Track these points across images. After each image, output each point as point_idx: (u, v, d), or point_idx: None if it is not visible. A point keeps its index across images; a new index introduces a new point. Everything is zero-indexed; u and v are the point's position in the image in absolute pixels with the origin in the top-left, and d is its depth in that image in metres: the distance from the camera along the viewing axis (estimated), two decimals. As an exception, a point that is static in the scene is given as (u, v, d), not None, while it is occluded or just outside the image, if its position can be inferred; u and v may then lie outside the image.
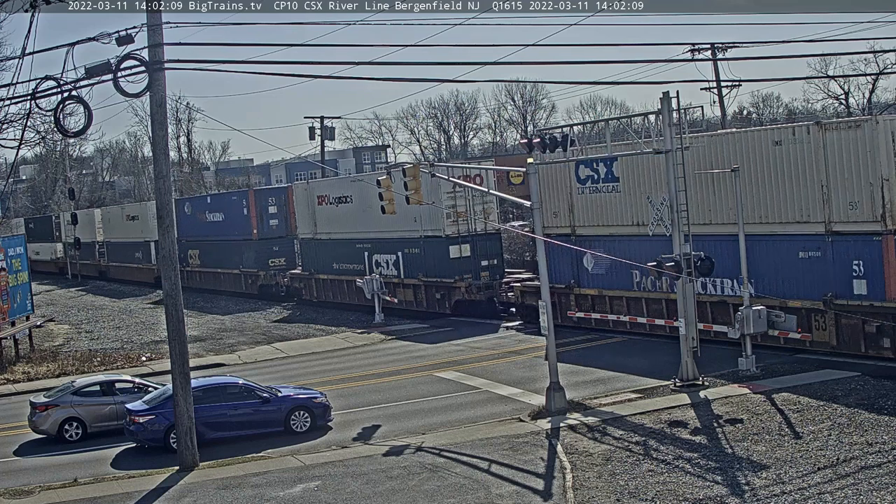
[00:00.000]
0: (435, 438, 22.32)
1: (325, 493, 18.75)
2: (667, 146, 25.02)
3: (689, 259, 24.86)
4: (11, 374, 35.99)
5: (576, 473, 18.79)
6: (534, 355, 30.94)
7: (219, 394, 24.20)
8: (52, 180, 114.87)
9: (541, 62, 65.10)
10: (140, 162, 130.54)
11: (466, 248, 40.70)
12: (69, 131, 22.88)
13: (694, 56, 51.05)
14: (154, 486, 20.07)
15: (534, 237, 24.83)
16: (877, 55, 68.49)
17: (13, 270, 40.10)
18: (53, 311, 57.99)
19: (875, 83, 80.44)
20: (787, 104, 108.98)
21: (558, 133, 27.01)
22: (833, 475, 17.28)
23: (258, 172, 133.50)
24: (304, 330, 43.47)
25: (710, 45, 51.24)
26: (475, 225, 40.63)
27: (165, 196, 22.05)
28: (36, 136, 44.64)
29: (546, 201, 34.26)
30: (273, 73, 46.05)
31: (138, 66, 20.57)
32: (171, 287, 21.91)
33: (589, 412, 23.43)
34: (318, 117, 71.32)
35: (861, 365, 25.01)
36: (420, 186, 30.04)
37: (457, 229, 40.51)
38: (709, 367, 25.96)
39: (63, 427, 25.23)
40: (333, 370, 33.05)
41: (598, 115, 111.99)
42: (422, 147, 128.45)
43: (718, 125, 56.04)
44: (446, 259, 40.56)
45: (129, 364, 36.48)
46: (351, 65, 28.49)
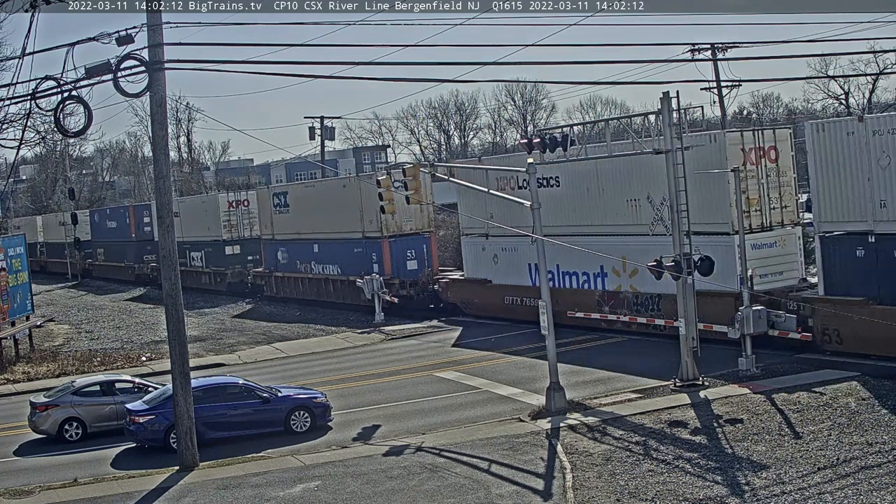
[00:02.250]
0: (435, 438, 22.32)
1: (325, 493, 18.75)
2: (667, 146, 25.02)
3: (688, 259, 24.88)
4: (11, 374, 35.99)
5: (576, 473, 18.79)
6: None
7: (219, 394, 24.20)
8: (52, 180, 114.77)
9: (541, 62, 65.22)
10: (140, 162, 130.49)
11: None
12: (69, 131, 22.87)
13: (694, 56, 51.02)
14: (154, 486, 20.07)
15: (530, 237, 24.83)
16: (877, 55, 68.53)
17: (13, 270, 40.09)
18: (53, 311, 57.99)
19: (875, 83, 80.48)
20: (787, 104, 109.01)
21: (558, 133, 27.03)
22: (833, 475, 17.29)
23: (258, 172, 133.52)
24: (304, 330, 43.45)
25: (710, 45, 51.18)
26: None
27: (165, 196, 22.04)
28: (36, 136, 44.76)
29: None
30: (273, 73, 45.96)
31: (138, 66, 20.57)
32: (171, 287, 21.92)
33: (589, 412, 23.43)
34: (318, 117, 71.33)
35: (861, 365, 25.01)
36: (420, 186, 30.06)
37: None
38: (709, 367, 25.96)
39: (63, 427, 25.23)
40: (333, 370, 33.05)
41: (598, 115, 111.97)
42: (422, 147, 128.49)
43: (718, 125, 56.04)
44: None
45: (129, 364, 36.47)
46: (351, 65, 28.46)
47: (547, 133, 27.31)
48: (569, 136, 26.55)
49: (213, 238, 58.71)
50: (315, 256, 49.43)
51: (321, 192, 50.46)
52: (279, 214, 52.54)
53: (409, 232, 44.55)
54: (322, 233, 48.73)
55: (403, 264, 44.02)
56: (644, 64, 52.82)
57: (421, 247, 44.67)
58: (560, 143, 26.13)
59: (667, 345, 29.00)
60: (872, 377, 23.73)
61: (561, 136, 26.34)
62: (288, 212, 51.85)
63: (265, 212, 54.67)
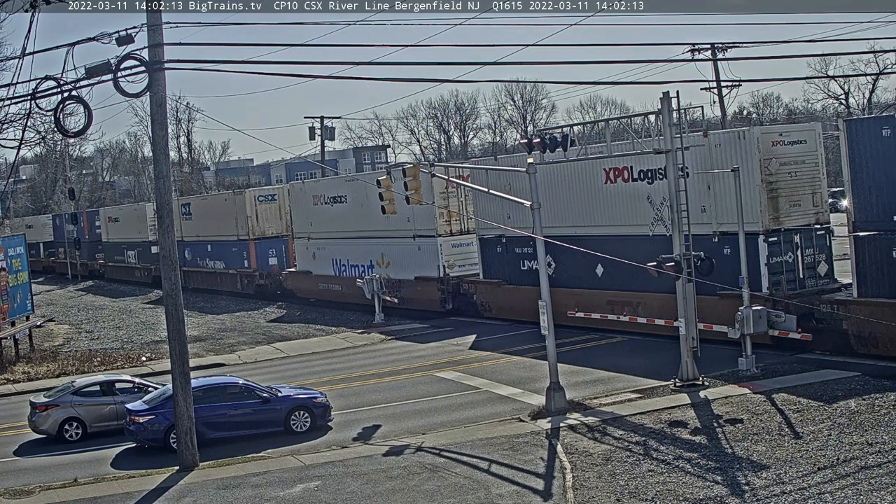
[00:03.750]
0: (435, 438, 22.32)
1: (325, 493, 18.75)
2: (667, 146, 25.02)
3: (689, 259, 24.89)
4: (11, 374, 35.99)
5: (576, 473, 18.79)
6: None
7: (219, 394, 24.19)
8: (52, 180, 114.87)
9: (541, 62, 65.14)
10: (140, 162, 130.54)
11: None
12: (69, 131, 22.86)
13: (694, 56, 51.12)
14: (154, 486, 20.07)
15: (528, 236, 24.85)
16: (877, 55, 68.57)
17: (13, 270, 40.10)
18: (53, 311, 58.00)
19: (875, 83, 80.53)
20: (787, 104, 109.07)
21: (558, 133, 27.01)
22: (833, 475, 17.28)
23: (258, 172, 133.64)
24: (304, 330, 43.50)
25: (710, 45, 51.29)
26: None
27: (165, 196, 22.04)
28: (36, 136, 44.73)
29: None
30: (273, 73, 45.90)
31: (138, 66, 20.56)
32: (171, 287, 21.91)
33: (589, 412, 23.43)
34: (318, 117, 71.43)
35: (861, 365, 25.02)
36: (420, 186, 30.06)
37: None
38: (709, 367, 25.97)
39: (63, 427, 25.23)
40: (333, 370, 33.05)
41: (598, 115, 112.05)
42: (422, 147, 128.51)
43: (718, 125, 56.05)
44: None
45: (129, 364, 36.47)
46: (351, 65, 28.41)
47: (547, 133, 27.30)
48: (569, 136, 26.55)
49: (142, 240, 70.78)
50: (209, 254, 62.51)
51: (211, 204, 63.86)
52: (185, 221, 64.49)
53: (270, 235, 56.75)
54: (213, 235, 61.55)
55: (266, 261, 56.36)
56: (644, 64, 52.81)
57: (280, 247, 56.25)
58: (560, 143, 26.12)
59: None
60: (872, 377, 23.74)
61: (561, 136, 26.33)
62: (191, 219, 64.60)
63: (177, 218, 65.15)
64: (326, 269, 49.99)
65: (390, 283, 43.19)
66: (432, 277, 41.84)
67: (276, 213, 57.06)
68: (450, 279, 41.34)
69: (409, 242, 43.24)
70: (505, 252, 38.57)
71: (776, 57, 44.05)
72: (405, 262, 43.40)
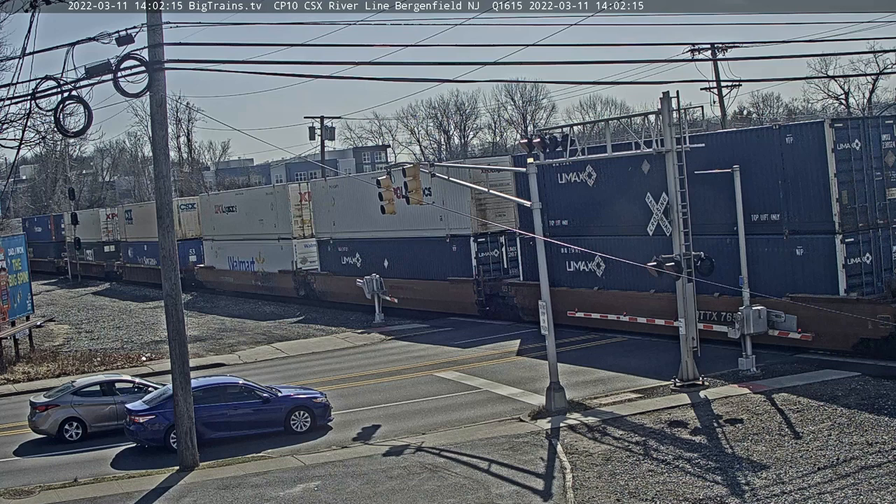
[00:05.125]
0: (435, 438, 22.32)
1: (325, 493, 18.75)
2: (667, 146, 25.02)
3: (688, 259, 24.88)
4: (11, 374, 35.98)
5: (576, 473, 18.79)
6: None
7: (219, 394, 24.19)
8: (52, 180, 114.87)
9: (541, 62, 64.97)
10: (140, 162, 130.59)
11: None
12: (69, 131, 22.85)
13: (694, 56, 51.05)
14: (154, 486, 20.07)
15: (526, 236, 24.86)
16: (877, 55, 68.56)
17: (13, 270, 40.09)
18: (53, 311, 57.99)
19: (875, 83, 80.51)
20: (787, 104, 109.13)
21: (558, 133, 27.01)
22: (833, 475, 17.28)
23: (258, 172, 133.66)
24: (304, 330, 43.50)
25: (710, 45, 51.21)
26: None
27: (165, 196, 22.02)
28: (36, 136, 44.66)
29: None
30: (273, 73, 45.97)
31: (138, 66, 20.56)
32: (171, 287, 21.90)
33: (589, 412, 23.43)
34: (318, 117, 71.37)
35: (861, 365, 25.03)
36: (420, 186, 30.05)
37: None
38: (709, 367, 25.97)
39: (63, 427, 25.22)
40: (333, 370, 33.05)
41: (598, 115, 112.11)
42: (422, 147, 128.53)
43: (718, 125, 56.05)
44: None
45: (129, 364, 36.46)
46: (351, 65, 28.48)
47: (547, 133, 27.30)
48: (569, 136, 26.55)
49: (97, 240, 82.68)
50: (146, 252, 71.05)
51: (146, 211, 68.23)
52: (128, 224, 75.53)
53: (191, 237, 65.48)
54: (149, 237, 65.48)
55: (187, 258, 64.19)
56: (644, 64, 52.84)
57: (199, 247, 65.37)
58: (560, 143, 26.12)
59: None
60: (872, 377, 23.74)
61: (561, 136, 26.33)
62: (132, 223, 74.61)
63: (121, 223, 79.25)
64: (224, 264, 61.80)
65: (264, 275, 55.88)
66: (289, 270, 53.34)
67: (196, 219, 66.52)
68: (301, 272, 52.25)
69: (276, 243, 54.79)
70: (333, 251, 49.37)
71: (776, 57, 44.15)
72: (274, 258, 55.16)
